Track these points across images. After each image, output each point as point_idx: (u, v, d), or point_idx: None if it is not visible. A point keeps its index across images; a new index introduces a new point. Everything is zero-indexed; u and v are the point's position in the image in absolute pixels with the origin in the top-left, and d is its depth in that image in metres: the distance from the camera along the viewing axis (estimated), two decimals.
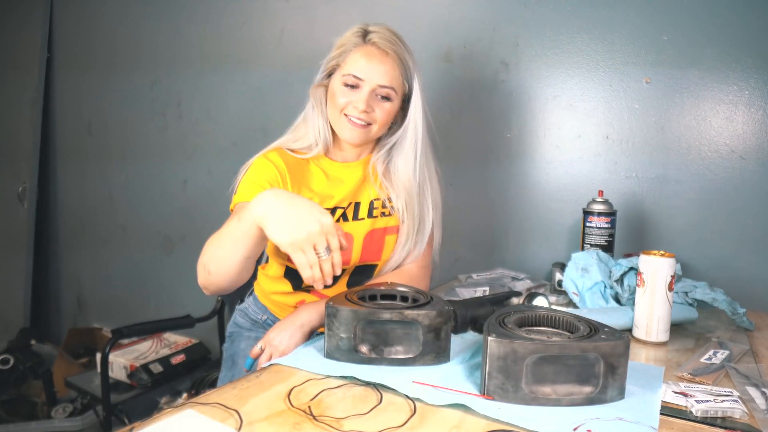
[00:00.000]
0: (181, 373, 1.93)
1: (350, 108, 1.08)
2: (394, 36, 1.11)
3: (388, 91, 1.09)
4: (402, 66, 1.11)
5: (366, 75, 1.07)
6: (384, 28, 1.11)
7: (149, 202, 2.35)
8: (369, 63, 1.07)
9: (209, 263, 0.92)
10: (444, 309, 0.86)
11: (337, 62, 1.10)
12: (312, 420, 0.69)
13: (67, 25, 2.54)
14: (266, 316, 1.24)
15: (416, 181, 1.16)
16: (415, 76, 1.13)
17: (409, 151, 1.14)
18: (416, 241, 1.18)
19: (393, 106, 1.12)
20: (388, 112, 1.11)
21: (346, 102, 1.08)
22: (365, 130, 1.10)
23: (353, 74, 1.07)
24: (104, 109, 2.47)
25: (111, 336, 1.61)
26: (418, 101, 1.14)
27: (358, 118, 1.08)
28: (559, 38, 1.55)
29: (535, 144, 1.61)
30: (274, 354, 0.99)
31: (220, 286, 0.94)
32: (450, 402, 0.73)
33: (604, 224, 1.35)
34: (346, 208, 1.15)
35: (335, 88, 1.10)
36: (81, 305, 2.67)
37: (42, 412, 2.09)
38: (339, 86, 1.09)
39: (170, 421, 0.67)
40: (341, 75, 1.09)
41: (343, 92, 1.08)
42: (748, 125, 1.38)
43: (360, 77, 1.07)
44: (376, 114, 1.10)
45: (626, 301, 1.17)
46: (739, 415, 0.72)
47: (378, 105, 1.10)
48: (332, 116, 1.12)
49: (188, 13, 2.18)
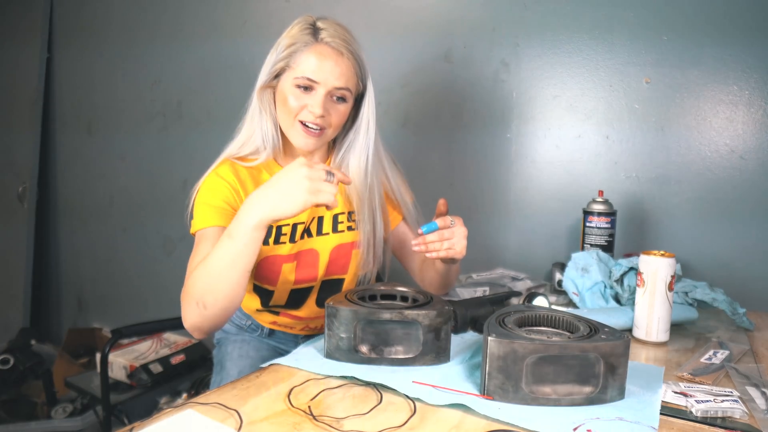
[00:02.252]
0: (181, 373, 1.93)
1: (305, 113, 1.01)
2: (346, 33, 1.03)
3: (344, 93, 1.02)
4: (357, 65, 1.04)
5: (320, 77, 0.99)
6: (334, 24, 1.03)
7: (149, 202, 2.35)
8: (323, 64, 0.99)
9: (205, 296, 0.87)
10: (444, 309, 0.86)
11: (286, 63, 1.01)
12: (312, 420, 0.69)
13: (67, 24, 2.54)
14: (250, 321, 1.24)
15: (367, 183, 1.10)
16: (368, 74, 1.06)
17: (361, 153, 1.09)
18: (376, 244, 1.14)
19: (347, 108, 1.05)
20: (342, 114, 1.05)
21: (300, 106, 1.01)
22: (319, 137, 1.03)
23: (307, 77, 0.99)
24: (104, 109, 2.47)
25: (111, 336, 1.61)
26: (371, 100, 1.08)
27: (314, 124, 1.01)
28: (559, 38, 1.55)
29: (535, 144, 1.61)
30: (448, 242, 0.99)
31: (217, 319, 0.90)
32: (450, 402, 0.73)
33: (604, 224, 1.35)
34: (309, 224, 1.10)
35: (286, 91, 1.01)
36: (81, 305, 2.67)
37: (42, 412, 2.08)
38: (290, 88, 1.01)
39: (170, 421, 0.67)
40: (292, 77, 1.00)
41: (296, 95, 1.00)
42: (748, 125, 1.38)
43: (314, 79, 0.99)
44: (331, 118, 1.03)
45: (626, 301, 1.17)
46: (739, 415, 0.72)
47: (333, 108, 1.02)
48: (284, 122, 1.04)
49: (189, 14, 2.18)
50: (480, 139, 1.68)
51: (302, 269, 1.10)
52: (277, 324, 1.22)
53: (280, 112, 1.05)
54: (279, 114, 1.05)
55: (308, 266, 1.11)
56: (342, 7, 1.85)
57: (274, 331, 1.24)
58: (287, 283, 1.11)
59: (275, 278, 1.09)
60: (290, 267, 1.09)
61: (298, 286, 1.12)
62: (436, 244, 0.98)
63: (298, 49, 1.00)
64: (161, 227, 2.33)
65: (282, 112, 1.04)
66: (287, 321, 1.20)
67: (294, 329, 1.22)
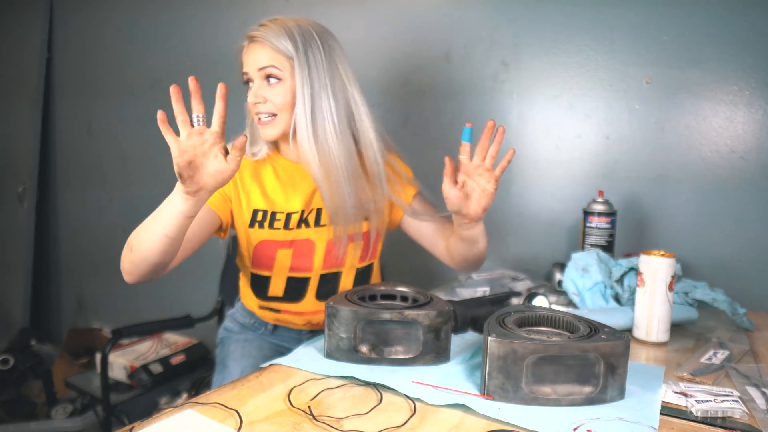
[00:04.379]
0: (181, 374, 1.93)
1: (252, 106, 1.06)
2: (269, 21, 1.05)
3: (271, 70, 1.02)
4: (274, 40, 1.02)
5: (248, 67, 1.05)
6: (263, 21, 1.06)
7: (149, 203, 2.34)
8: (248, 55, 1.05)
9: (132, 240, 0.95)
10: (444, 309, 0.86)
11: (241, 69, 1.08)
12: (312, 420, 0.69)
13: (67, 25, 2.54)
14: (253, 320, 1.26)
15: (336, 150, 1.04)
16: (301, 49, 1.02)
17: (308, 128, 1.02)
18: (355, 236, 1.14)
19: (285, 86, 1.03)
20: (281, 93, 1.03)
21: (252, 102, 1.05)
22: (273, 123, 1.05)
23: (242, 72, 1.07)
24: (104, 110, 2.46)
25: (111, 336, 1.61)
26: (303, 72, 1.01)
27: (259, 113, 1.05)
28: (559, 38, 1.55)
29: (535, 144, 1.61)
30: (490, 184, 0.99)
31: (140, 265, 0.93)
32: (450, 402, 0.73)
33: (604, 224, 1.35)
34: (307, 215, 1.12)
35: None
36: (81, 305, 2.67)
37: (42, 412, 2.09)
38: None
39: (170, 421, 0.67)
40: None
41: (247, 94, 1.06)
42: (748, 125, 1.38)
43: (245, 71, 1.06)
44: (272, 102, 1.03)
45: (626, 301, 1.17)
46: (739, 415, 0.72)
47: (270, 90, 1.03)
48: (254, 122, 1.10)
49: (188, 14, 2.18)
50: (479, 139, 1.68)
51: (298, 257, 1.13)
52: (281, 321, 1.23)
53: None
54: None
55: (304, 255, 1.13)
56: (341, 7, 1.85)
57: (277, 327, 1.25)
58: (283, 269, 1.14)
59: (271, 263, 1.13)
60: (286, 253, 1.12)
61: (294, 274, 1.15)
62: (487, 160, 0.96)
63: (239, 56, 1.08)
64: None
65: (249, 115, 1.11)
66: (289, 318, 1.21)
67: (297, 325, 1.23)
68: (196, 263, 1.08)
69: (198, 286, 2.15)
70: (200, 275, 2.04)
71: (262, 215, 1.10)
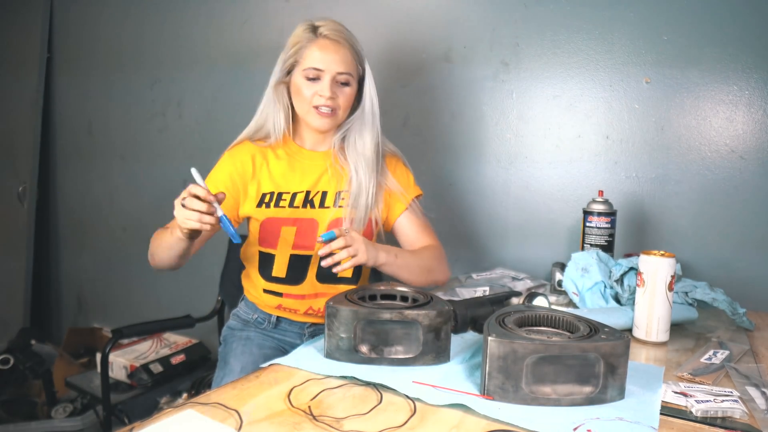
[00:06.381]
0: (181, 373, 1.93)
1: (317, 98, 1.16)
2: (340, 26, 1.19)
3: (347, 77, 1.17)
4: (353, 51, 1.18)
5: (324, 65, 1.15)
6: (330, 21, 1.18)
7: (149, 202, 2.35)
8: (325, 54, 1.15)
9: (153, 254, 1.14)
10: (444, 309, 0.86)
11: (294, 59, 1.17)
12: (312, 420, 0.69)
13: (68, 24, 2.54)
14: (256, 314, 1.29)
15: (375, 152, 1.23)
16: (365, 60, 1.22)
17: (368, 126, 1.23)
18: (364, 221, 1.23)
19: (352, 90, 1.20)
20: (349, 96, 1.20)
21: (312, 94, 1.16)
22: (332, 117, 1.18)
23: (313, 67, 1.15)
24: (104, 109, 2.46)
25: (111, 336, 1.61)
26: (371, 81, 1.22)
27: (325, 106, 1.16)
28: (559, 38, 1.55)
29: (535, 144, 1.61)
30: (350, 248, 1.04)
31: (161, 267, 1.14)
32: (450, 402, 0.73)
33: (604, 224, 1.35)
34: (313, 196, 1.22)
35: (298, 84, 1.17)
36: (81, 305, 2.67)
37: (42, 412, 2.08)
38: (302, 80, 1.16)
39: (170, 421, 0.68)
40: (302, 70, 1.16)
41: (307, 85, 1.16)
42: (748, 125, 1.38)
43: (319, 68, 1.15)
44: (339, 100, 1.18)
45: (626, 301, 1.17)
46: (739, 415, 0.72)
47: (340, 91, 1.18)
48: (301, 109, 1.19)
49: (189, 14, 2.18)
50: (480, 139, 1.68)
51: (301, 235, 1.21)
52: (283, 308, 1.25)
53: (296, 102, 1.20)
54: (295, 103, 1.21)
55: (307, 234, 1.21)
56: (342, 7, 1.85)
57: (280, 320, 1.27)
58: (287, 246, 1.21)
59: (275, 240, 1.21)
60: (290, 230, 1.20)
61: (297, 251, 1.22)
62: (342, 253, 1.03)
63: (303, 45, 1.16)
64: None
65: (298, 102, 1.19)
66: (291, 303, 1.24)
67: (299, 312, 1.25)
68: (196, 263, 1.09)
69: (198, 286, 2.15)
70: (200, 275, 2.04)
71: (269, 197, 1.20)
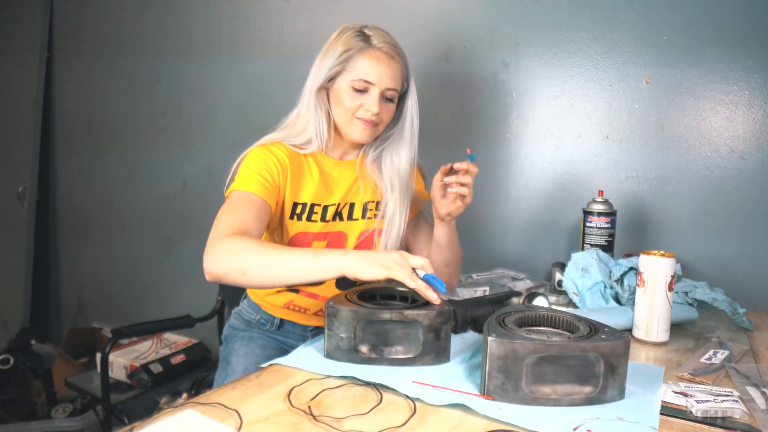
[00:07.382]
0: (181, 373, 1.93)
1: (362, 111, 1.11)
2: (392, 38, 1.14)
3: (393, 93, 1.13)
4: (403, 66, 1.15)
5: (375, 79, 1.10)
6: (380, 30, 1.14)
7: (149, 202, 2.35)
8: (379, 67, 1.10)
9: (252, 269, 0.93)
10: (444, 309, 0.86)
11: (342, 66, 1.11)
12: (312, 420, 0.69)
13: (68, 24, 2.54)
14: (259, 315, 1.28)
15: (410, 172, 1.22)
16: (411, 74, 1.18)
17: (406, 144, 1.21)
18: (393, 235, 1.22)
19: (395, 106, 1.17)
20: (391, 111, 1.17)
21: (357, 105, 1.11)
22: (374, 129, 1.15)
23: (364, 79, 1.10)
24: (104, 109, 2.46)
25: (111, 336, 1.61)
26: (414, 98, 1.19)
27: (368, 120, 1.12)
28: (559, 38, 1.55)
29: (535, 144, 1.61)
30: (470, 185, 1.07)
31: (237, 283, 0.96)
32: (450, 402, 0.73)
33: (604, 224, 1.35)
34: (342, 208, 1.20)
35: (342, 92, 1.11)
36: (81, 305, 2.67)
37: (42, 412, 2.08)
38: (347, 90, 1.11)
39: (170, 421, 0.67)
40: (350, 79, 1.10)
41: (352, 96, 1.11)
42: (748, 125, 1.38)
43: (371, 81, 1.10)
44: (383, 114, 1.14)
45: (626, 301, 1.17)
46: (739, 415, 0.72)
47: (384, 106, 1.14)
48: (341, 118, 1.14)
49: (189, 14, 2.18)
50: (480, 139, 1.68)
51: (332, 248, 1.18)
52: (292, 306, 1.23)
53: (336, 110, 1.14)
54: (335, 112, 1.15)
55: (335, 247, 1.20)
56: (341, 7, 1.85)
57: (283, 323, 1.26)
58: None
59: None
60: (320, 245, 1.19)
61: None
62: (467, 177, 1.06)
63: (354, 54, 1.10)
64: (161, 227, 2.33)
65: (339, 111, 1.14)
66: (304, 302, 1.22)
67: (308, 312, 1.24)
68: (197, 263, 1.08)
69: (198, 286, 2.15)
70: (200, 275, 2.04)
71: (302, 208, 1.16)
